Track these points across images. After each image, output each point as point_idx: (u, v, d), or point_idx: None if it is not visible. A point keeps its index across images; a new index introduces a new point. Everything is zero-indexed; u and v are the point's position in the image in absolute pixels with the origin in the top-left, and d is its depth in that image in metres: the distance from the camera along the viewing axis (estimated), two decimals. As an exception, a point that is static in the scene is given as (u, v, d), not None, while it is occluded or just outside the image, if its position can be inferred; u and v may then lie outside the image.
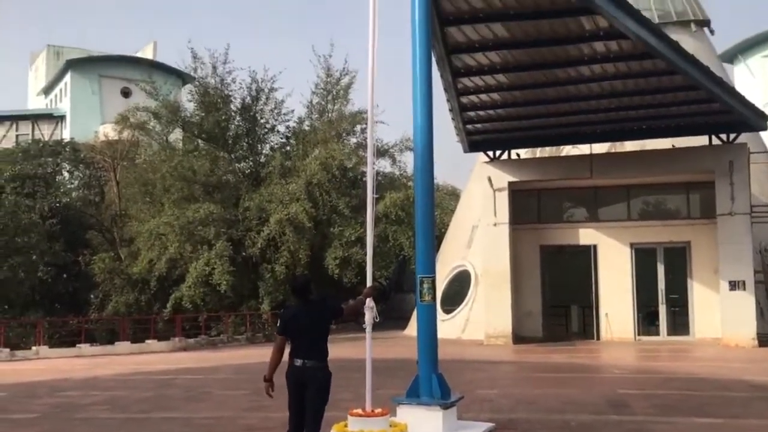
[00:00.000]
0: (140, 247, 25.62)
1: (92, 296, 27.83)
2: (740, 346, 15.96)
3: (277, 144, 29.24)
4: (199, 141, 28.22)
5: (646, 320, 18.61)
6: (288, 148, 28.56)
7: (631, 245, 18.50)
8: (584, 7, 10.71)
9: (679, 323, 18.26)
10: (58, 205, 30.38)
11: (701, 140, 16.99)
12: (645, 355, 15.90)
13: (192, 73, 28.27)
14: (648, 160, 17.21)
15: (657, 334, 18.29)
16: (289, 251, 24.16)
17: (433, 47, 11.72)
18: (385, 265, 22.50)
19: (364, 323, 6.56)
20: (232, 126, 27.86)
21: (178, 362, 16.37)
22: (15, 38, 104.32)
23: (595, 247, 18.77)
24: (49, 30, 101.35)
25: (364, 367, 6.54)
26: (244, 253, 24.84)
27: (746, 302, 16.10)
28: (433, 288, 7.28)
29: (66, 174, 34.38)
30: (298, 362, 5.26)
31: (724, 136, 16.65)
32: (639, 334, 18.36)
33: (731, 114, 15.18)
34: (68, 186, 33.69)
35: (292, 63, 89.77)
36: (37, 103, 55.94)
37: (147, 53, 52.52)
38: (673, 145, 17.17)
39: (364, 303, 6.39)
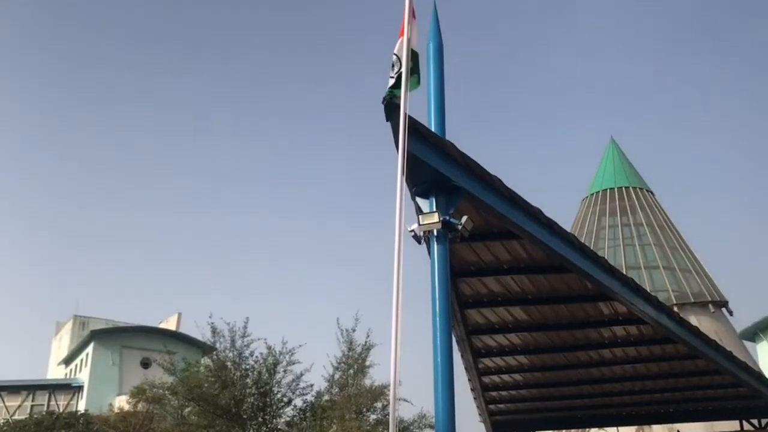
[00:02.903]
0: None
1: None
2: None
3: (293, 418, 28.53)
4: (215, 416, 27.65)
5: None
6: (305, 423, 27.82)
7: None
8: (601, 293, 10.85)
9: None
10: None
11: (733, 424, 16.41)
12: None
13: (213, 345, 28.42)
14: (678, 446, 16.55)
15: None
16: None
17: (454, 329, 11.78)
18: None
19: None
20: (248, 401, 27.40)
21: None
22: (43, 307, 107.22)
23: None
24: (77, 300, 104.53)
25: None
26: None
27: None
28: None
29: (76, 447, 33.47)
30: None
31: (755, 421, 16.09)
32: None
33: (760, 399, 14.77)
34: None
35: (312, 327, 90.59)
36: (56, 372, 56.00)
37: (171, 323, 53.41)
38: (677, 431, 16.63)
39: None
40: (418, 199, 7.77)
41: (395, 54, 7.41)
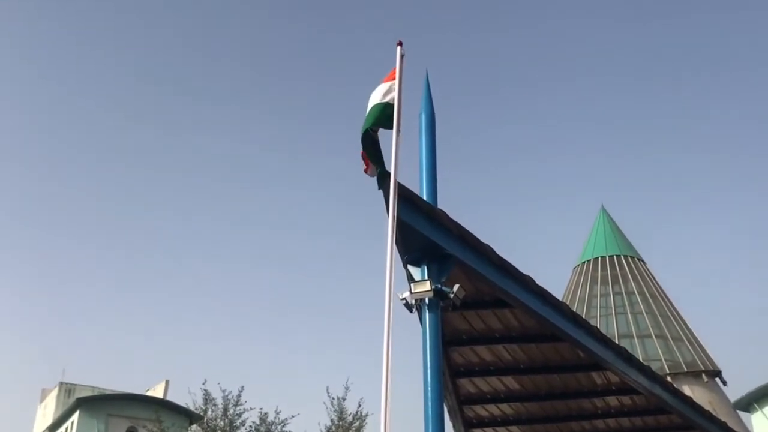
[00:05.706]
0: None
1: None
2: None
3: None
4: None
5: None
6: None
7: None
8: (594, 363, 10.78)
9: None
10: None
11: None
12: None
13: (204, 411, 27.98)
14: None
15: None
16: None
17: (446, 399, 11.65)
18: None
19: None
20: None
21: None
22: (29, 374, 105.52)
23: None
24: (63, 367, 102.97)
25: None
26: None
27: None
28: None
29: None
30: None
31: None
32: None
33: (756, 471, 14.55)
34: None
35: (304, 395, 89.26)
36: (40, 441, 54.81)
37: (158, 391, 52.66)
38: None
39: None
40: (409, 267, 7.79)
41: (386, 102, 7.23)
